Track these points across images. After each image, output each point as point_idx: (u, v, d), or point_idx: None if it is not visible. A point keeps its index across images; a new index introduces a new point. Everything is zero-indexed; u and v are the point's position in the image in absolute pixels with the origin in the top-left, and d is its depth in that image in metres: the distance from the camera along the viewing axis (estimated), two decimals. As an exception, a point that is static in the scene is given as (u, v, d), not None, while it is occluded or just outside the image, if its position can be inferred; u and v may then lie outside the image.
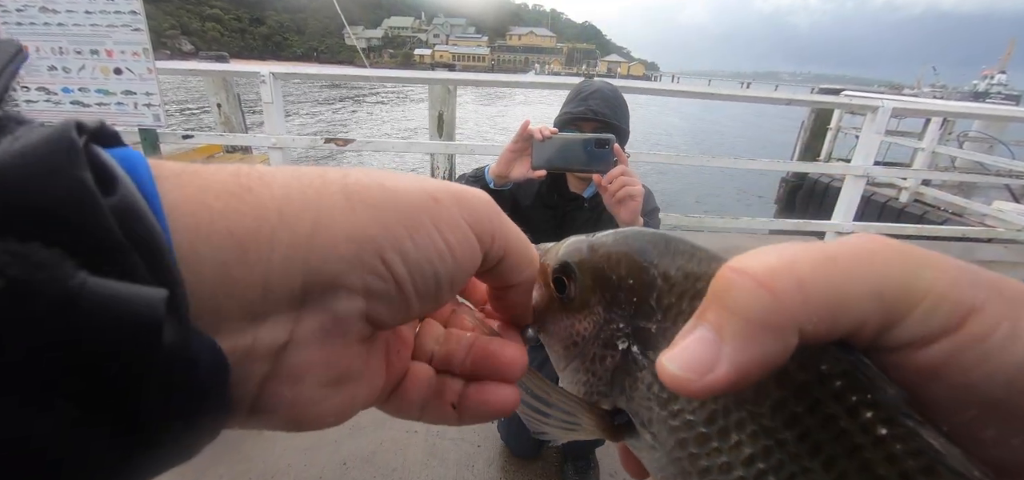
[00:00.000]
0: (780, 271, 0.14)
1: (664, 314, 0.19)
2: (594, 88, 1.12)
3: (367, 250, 0.17)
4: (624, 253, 0.21)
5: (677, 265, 0.19)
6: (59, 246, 0.11)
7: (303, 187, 0.17)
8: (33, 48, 2.58)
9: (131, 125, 2.79)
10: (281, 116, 3.02)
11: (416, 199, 0.19)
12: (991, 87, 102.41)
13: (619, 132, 1.06)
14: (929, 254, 0.15)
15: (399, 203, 0.18)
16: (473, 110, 25.12)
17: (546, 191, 1.20)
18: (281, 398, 0.17)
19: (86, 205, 0.11)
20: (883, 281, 0.14)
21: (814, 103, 4.81)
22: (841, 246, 0.15)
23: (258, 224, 0.15)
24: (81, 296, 0.10)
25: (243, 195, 0.16)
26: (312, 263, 0.16)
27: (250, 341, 0.16)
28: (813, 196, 7.18)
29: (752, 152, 16.77)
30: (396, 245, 0.18)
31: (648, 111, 29.97)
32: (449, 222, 0.19)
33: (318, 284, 0.17)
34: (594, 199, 1.16)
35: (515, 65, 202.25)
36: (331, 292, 0.17)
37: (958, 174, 4.94)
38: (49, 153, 0.11)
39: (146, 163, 0.14)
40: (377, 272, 0.18)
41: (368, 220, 0.17)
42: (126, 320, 0.11)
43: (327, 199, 0.17)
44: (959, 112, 5.29)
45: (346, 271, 0.17)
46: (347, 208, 0.17)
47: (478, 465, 1.49)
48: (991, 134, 6.12)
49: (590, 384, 0.22)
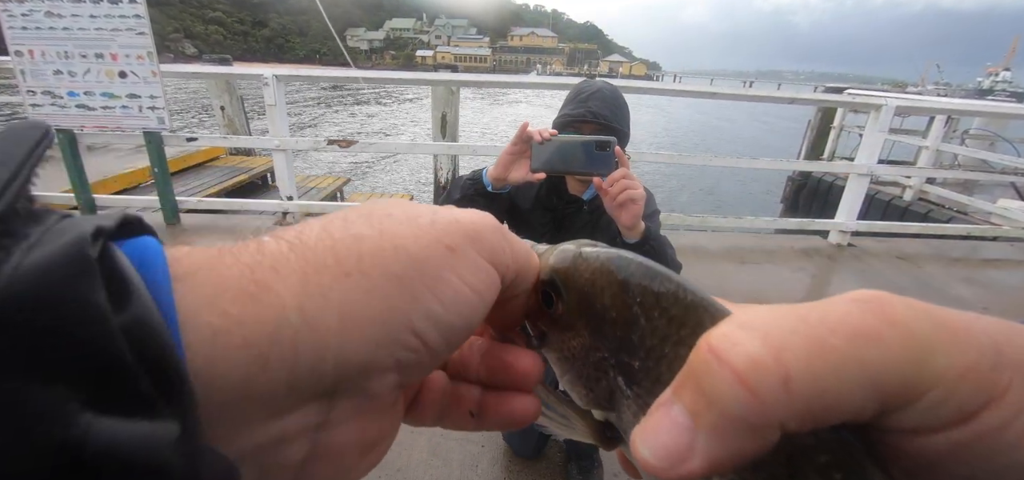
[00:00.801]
0: (763, 366, 0.12)
1: (647, 354, 0.18)
2: (593, 89, 1.10)
3: (396, 328, 0.17)
4: (608, 282, 0.20)
5: (661, 307, 0.18)
6: (64, 381, 0.10)
7: (318, 270, 0.16)
8: (39, 52, 2.60)
9: (136, 128, 2.81)
10: (284, 118, 3.03)
11: (434, 255, 0.18)
12: (996, 84, 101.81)
13: (619, 134, 1.05)
14: (944, 330, 0.12)
15: (419, 266, 0.17)
16: (475, 111, 25.12)
17: (545, 194, 1.19)
18: (322, 475, 0.17)
19: (96, 329, 0.11)
20: (882, 373, 0.12)
21: (818, 102, 4.80)
22: (839, 323, 0.13)
23: (278, 329, 0.15)
24: (85, 443, 0.10)
25: (261, 296, 0.15)
26: (341, 359, 0.16)
27: (276, 433, 0.15)
28: (817, 195, 7.15)
29: (756, 151, 16.70)
30: (426, 314, 0.17)
31: (649, 112, 29.92)
32: (470, 268, 0.19)
33: (349, 374, 0.16)
34: (594, 201, 1.15)
35: (517, 66, 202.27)
36: (362, 376, 0.17)
37: (963, 172, 4.91)
38: (63, 271, 0.11)
39: (164, 261, 0.14)
40: (409, 346, 0.17)
41: (394, 294, 0.17)
42: (136, 462, 0.11)
43: (346, 281, 0.16)
44: (963, 110, 5.27)
45: (377, 355, 0.16)
46: (368, 288, 0.16)
47: (482, 465, 1.49)
48: (994, 131, 6.08)
49: (587, 397, 0.22)
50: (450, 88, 4.31)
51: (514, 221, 1.25)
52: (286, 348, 0.15)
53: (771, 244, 3.41)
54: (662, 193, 9.33)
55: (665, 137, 21.82)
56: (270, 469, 0.16)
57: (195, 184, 5.22)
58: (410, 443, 1.53)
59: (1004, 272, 3.20)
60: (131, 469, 0.11)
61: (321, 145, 3.21)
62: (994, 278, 3.08)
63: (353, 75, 3.27)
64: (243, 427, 0.15)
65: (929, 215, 5.21)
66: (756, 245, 3.35)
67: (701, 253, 3.16)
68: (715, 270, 2.91)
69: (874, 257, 3.23)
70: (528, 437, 1.48)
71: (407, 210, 0.19)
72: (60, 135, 2.83)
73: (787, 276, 2.92)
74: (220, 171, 5.87)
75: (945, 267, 3.15)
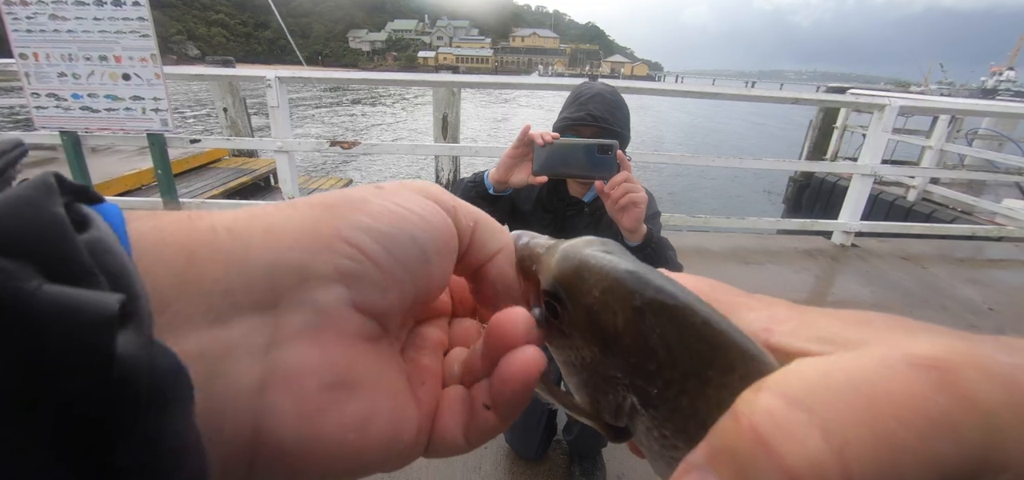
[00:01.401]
0: (824, 471, 0.10)
1: (665, 386, 0.16)
2: (593, 92, 1.09)
3: (325, 237, 0.17)
4: (622, 307, 0.17)
5: (683, 341, 0.16)
6: (29, 263, 0.11)
7: (250, 211, 0.18)
8: (44, 55, 2.62)
9: (139, 130, 2.82)
10: (287, 119, 3.04)
11: (358, 190, 0.19)
12: (1000, 84, 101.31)
13: (619, 137, 1.05)
14: (1016, 404, 0.11)
15: (346, 196, 0.19)
16: (477, 112, 25.15)
17: (546, 195, 1.19)
18: (284, 409, 0.16)
19: (57, 233, 0.12)
20: (953, 467, 0.10)
21: (821, 102, 4.78)
22: (907, 408, 0.11)
23: (210, 235, 0.16)
24: (35, 295, 0.10)
25: (194, 220, 0.17)
26: (270, 259, 0.17)
27: (220, 343, 0.15)
28: (820, 195, 7.13)
29: (758, 151, 16.66)
30: (352, 222, 0.18)
31: (650, 114, 29.87)
32: (401, 197, 0.20)
33: (285, 280, 0.17)
34: (594, 203, 1.15)
35: (518, 67, 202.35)
36: (303, 285, 0.17)
37: (967, 172, 4.89)
38: (27, 191, 0.12)
39: (119, 211, 0.15)
40: (342, 252, 0.17)
41: (320, 216, 0.18)
42: (83, 317, 0.11)
43: (274, 210, 0.18)
44: (967, 110, 5.24)
45: (310, 259, 0.17)
46: (293, 212, 0.18)
47: (485, 467, 1.49)
48: (1001, 131, 6.05)
49: (595, 404, 0.20)
50: (451, 89, 4.31)
51: (515, 223, 1.25)
52: (217, 249, 0.16)
53: (774, 245, 3.40)
54: (665, 194, 9.30)
55: (653, 141, 21.76)
56: (221, 388, 0.15)
57: (198, 185, 5.24)
58: (413, 444, 1.53)
59: (1009, 272, 3.19)
60: (79, 322, 0.11)
61: (323, 147, 3.22)
62: (999, 278, 3.06)
63: (355, 77, 3.27)
64: (183, 326, 0.15)
65: (933, 215, 5.19)
66: (759, 246, 3.34)
67: (704, 254, 3.15)
68: (718, 271, 2.90)
69: (878, 258, 3.22)
70: (531, 439, 1.47)
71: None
72: (64, 137, 2.85)
73: (790, 277, 2.91)
74: (223, 173, 5.88)
75: (950, 267, 3.13)
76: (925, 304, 2.61)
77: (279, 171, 3.20)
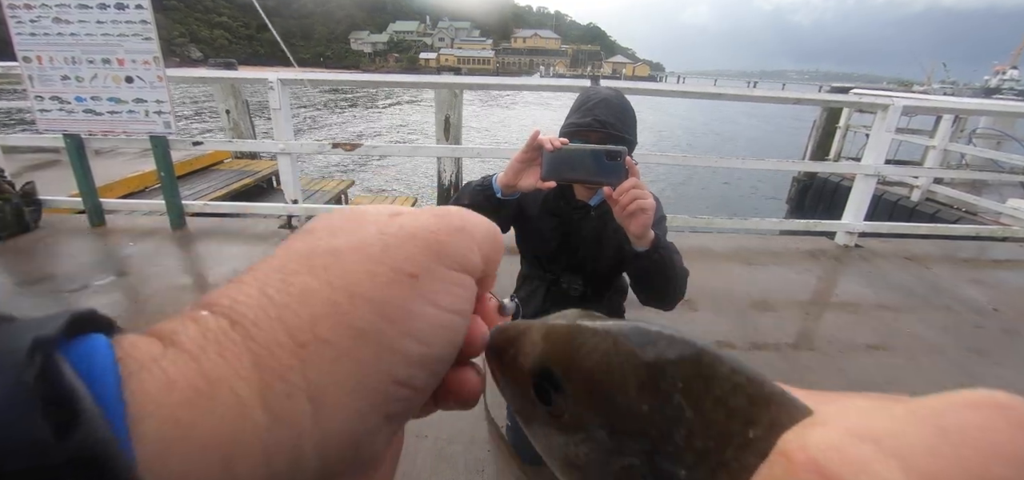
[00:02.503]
0: None
1: (697, 460, 0.13)
2: (600, 97, 1.10)
3: (377, 387, 0.15)
4: (632, 365, 0.15)
5: (715, 396, 0.13)
6: None
7: (271, 349, 0.14)
8: (47, 58, 2.63)
9: (142, 132, 2.83)
10: (289, 121, 3.05)
11: (397, 292, 0.16)
12: (1003, 83, 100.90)
13: (626, 142, 1.05)
14: None
15: (384, 310, 0.15)
16: (478, 114, 25.18)
17: (552, 199, 1.19)
18: None
19: (39, 464, 0.10)
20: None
21: (823, 102, 4.77)
22: (987, 434, 0.10)
23: (239, 428, 0.13)
24: None
25: (213, 392, 0.13)
26: (324, 447, 0.14)
27: None
28: (823, 195, 7.11)
29: (760, 152, 16.64)
30: (405, 359, 0.15)
31: (652, 115, 29.87)
32: (442, 289, 0.17)
33: (339, 459, 0.15)
34: (600, 207, 1.15)
35: (520, 68, 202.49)
36: (355, 451, 0.15)
37: (971, 172, 4.86)
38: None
39: (114, 364, 0.12)
40: (396, 397, 0.16)
41: (364, 353, 0.15)
42: None
43: (305, 355, 0.14)
44: (971, 109, 5.22)
45: (363, 425, 0.15)
46: (333, 356, 0.14)
47: (488, 470, 1.48)
48: (1002, 130, 6.03)
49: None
50: (453, 91, 4.32)
51: (522, 226, 1.25)
52: (253, 449, 0.13)
53: (777, 245, 3.38)
54: (668, 196, 9.29)
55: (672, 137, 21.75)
56: None
57: (201, 187, 5.25)
58: (416, 448, 1.52)
59: (1014, 273, 3.17)
60: None
61: (325, 148, 3.23)
62: (1004, 279, 3.05)
63: (357, 79, 3.28)
64: None
65: (937, 215, 5.17)
66: (762, 246, 3.33)
67: (707, 254, 3.14)
68: (721, 271, 2.89)
69: (881, 258, 3.20)
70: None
71: (353, 239, 0.16)
72: (67, 140, 2.86)
73: (793, 277, 2.89)
74: (225, 174, 5.90)
75: (954, 268, 3.12)
76: (929, 305, 2.60)
77: (281, 173, 3.21)
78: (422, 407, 0.19)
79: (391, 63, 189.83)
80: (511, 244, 2.28)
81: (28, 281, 2.44)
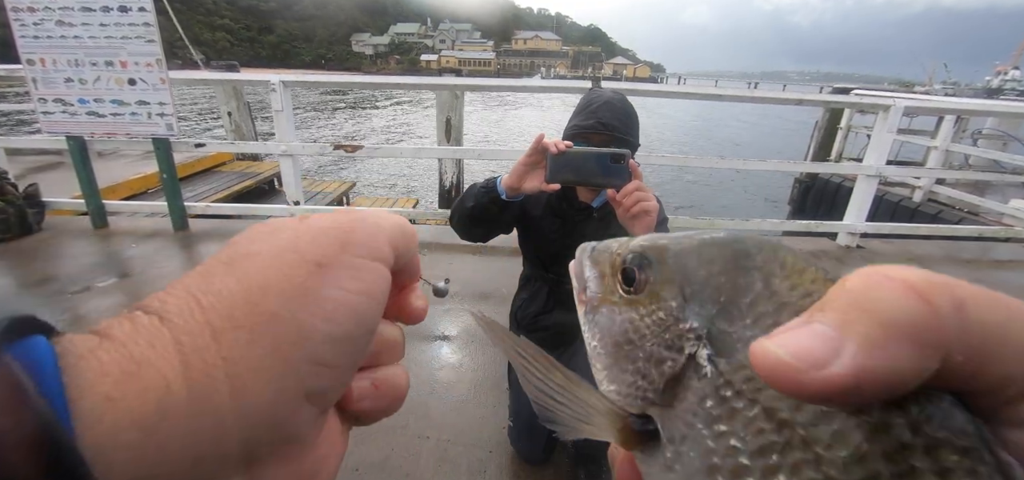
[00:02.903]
0: (938, 285, 0.11)
1: (755, 321, 0.16)
2: (603, 100, 1.11)
3: (292, 365, 0.17)
4: (721, 247, 0.19)
5: (785, 274, 0.17)
6: None
7: (193, 336, 0.16)
8: (50, 61, 2.64)
9: (145, 134, 2.84)
10: (291, 123, 3.06)
11: (305, 280, 0.17)
12: (1005, 83, 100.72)
13: (628, 144, 1.06)
14: None
15: (298, 293, 0.17)
16: (479, 115, 25.20)
17: (556, 201, 1.20)
18: None
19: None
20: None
21: (825, 102, 4.77)
22: (1001, 296, 0.12)
23: (163, 402, 0.14)
24: None
25: (139, 373, 0.15)
26: (244, 421, 0.16)
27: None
28: (825, 196, 7.10)
29: (762, 152, 16.63)
30: (317, 338, 0.17)
31: (654, 116, 29.87)
32: (349, 274, 0.18)
33: (259, 433, 0.16)
34: (603, 208, 1.16)
35: (521, 69, 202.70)
36: (277, 427, 0.17)
37: (973, 172, 4.85)
38: None
39: (53, 356, 0.14)
40: (313, 375, 0.17)
41: (277, 334, 0.16)
42: None
43: (224, 341, 0.16)
44: (973, 110, 5.21)
45: (281, 400, 0.16)
46: (248, 340, 0.16)
47: (489, 471, 1.48)
48: (1006, 131, 6.01)
49: (634, 387, 0.20)
50: (454, 92, 4.32)
51: (525, 228, 1.25)
52: (177, 422, 0.14)
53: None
54: (670, 197, 9.27)
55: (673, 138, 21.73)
56: None
57: (203, 189, 5.26)
58: (417, 450, 1.52)
59: (1017, 273, 3.16)
60: None
61: (327, 150, 3.23)
62: (1006, 279, 3.04)
63: (359, 81, 3.28)
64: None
65: (939, 216, 5.15)
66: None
67: (708, 256, 3.14)
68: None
69: (884, 259, 3.19)
70: (536, 442, 1.47)
71: (270, 240, 0.18)
72: (70, 142, 2.87)
73: (795, 279, 2.89)
74: (228, 176, 5.90)
75: (956, 269, 3.11)
76: (932, 306, 2.59)
77: (283, 174, 3.21)
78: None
79: (392, 65, 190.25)
80: (512, 245, 2.27)
81: (31, 283, 2.45)
